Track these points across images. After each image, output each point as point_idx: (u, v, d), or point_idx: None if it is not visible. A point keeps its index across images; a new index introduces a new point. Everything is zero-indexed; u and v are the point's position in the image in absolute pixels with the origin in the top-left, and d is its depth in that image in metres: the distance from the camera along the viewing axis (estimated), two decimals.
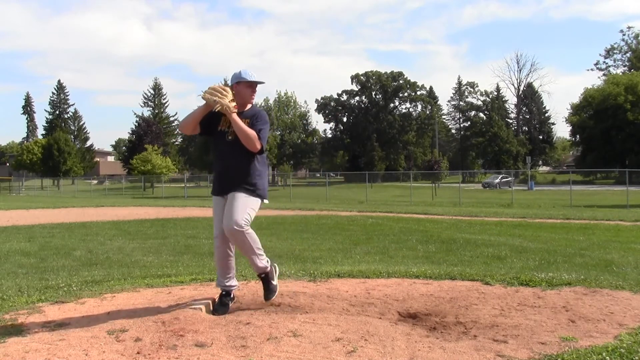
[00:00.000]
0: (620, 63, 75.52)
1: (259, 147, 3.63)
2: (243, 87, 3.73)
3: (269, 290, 3.77)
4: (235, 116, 3.60)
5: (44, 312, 3.77)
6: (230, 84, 3.81)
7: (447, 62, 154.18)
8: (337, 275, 5.06)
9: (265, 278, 3.78)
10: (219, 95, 3.59)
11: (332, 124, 77.95)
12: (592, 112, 59.85)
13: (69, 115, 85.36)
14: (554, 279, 4.68)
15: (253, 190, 3.67)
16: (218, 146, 3.76)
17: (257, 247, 3.68)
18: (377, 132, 71.41)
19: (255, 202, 3.70)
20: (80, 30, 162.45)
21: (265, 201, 3.80)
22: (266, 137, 3.73)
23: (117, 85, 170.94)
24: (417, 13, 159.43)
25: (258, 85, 3.80)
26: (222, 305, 3.72)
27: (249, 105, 3.80)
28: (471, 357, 2.72)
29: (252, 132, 3.60)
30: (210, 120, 3.71)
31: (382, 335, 3.04)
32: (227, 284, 3.80)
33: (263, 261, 3.74)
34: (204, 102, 3.68)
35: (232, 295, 3.84)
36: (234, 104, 3.63)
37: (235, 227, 3.51)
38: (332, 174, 68.95)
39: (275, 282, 3.83)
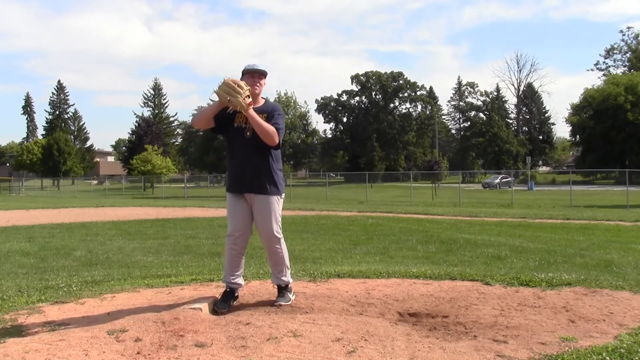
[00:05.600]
0: (620, 63, 75.60)
1: (277, 141, 3.63)
2: (246, 78, 3.69)
3: (283, 296, 3.79)
4: (252, 112, 3.55)
5: (44, 312, 3.78)
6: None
7: (447, 63, 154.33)
8: (337, 276, 5.05)
9: (285, 288, 3.85)
10: (233, 92, 3.48)
11: (332, 124, 78.00)
12: (592, 112, 59.85)
13: (69, 115, 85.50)
14: (554, 279, 4.67)
15: (275, 188, 3.71)
16: (235, 143, 3.71)
17: (287, 258, 3.83)
18: (377, 132, 71.41)
19: (280, 204, 3.79)
20: (81, 30, 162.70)
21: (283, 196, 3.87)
22: (283, 131, 3.73)
23: (117, 86, 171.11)
24: (417, 14, 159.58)
25: (265, 78, 3.76)
26: (223, 301, 3.74)
27: (263, 100, 3.79)
28: (471, 357, 2.71)
29: (270, 127, 3.58)
30: (225, 115, 3.65)
31: (382, 336, 3.04)
32: (234, 281, 3.82)
33: (288, 274, 3.87)
34: (214, 99, 3.64)
35: (235, 294, 3.86)
36: (249, 99, 3.54)
37: (275, 234, 3.69)
38: (332, 174, 68.92)
39: (292, 296, 3.86)
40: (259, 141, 3.62)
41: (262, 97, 3.84)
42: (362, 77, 74.80)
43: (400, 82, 74.39)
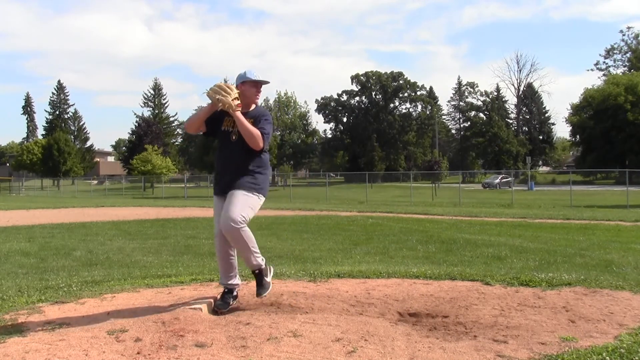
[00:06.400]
0: (620, 63, 75.58)
1: (261, 145, 3.64)
2: (248, 87, 3.75)
3: (261, 286, 3.75)
4: (238, 114, 3.61)
5: (44, 312, 3.77)
6: (235, 84, 3.81)
7: (447, 63, 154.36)
8: (337, 276, 5.05)
9: (259, 274, 3.77)
10: (223, 93, 3.59)
11: (332, 124, 78.06)
12: (592, 112, 59.84)
13: (69, 115, 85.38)
14: (554, 279, 4.67)
15: (253, 189, 3.67)
16: (221, 146, 3.78)
17: (252, 246, 3.66)
18: (377, 132, 71.40)
19: (255, 200, 3.69)
20: (81, 30, 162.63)
21: (263, 198, 3.78)
22: (269, 136, 3.74)
23: (117, 86, 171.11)
24: (417, 14, 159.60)
25: (263, 86, 3.83)
26: (223, 301, 3.74)
27: (254, 106, 3.83)
28: (471, 357, 2.71)
29: (255, 131, 3.61)
30: (215, 119, 3.74)
31: (382, 336, 3.04)
32: (229, 282, 3.81)
33: (258, 259, 3.74)
34: (207, 101, 3.71)
35: (234, 294, 3.84)
36: (237, 102, 3.62)
37: (231, 223, 3.51)
38: (332, 174, 68.90)
39: (268, 279, 3.81)
40: (244, 145, 3.64)
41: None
42: (362, 77, 74.78)
43: (400, 82, 74.36)
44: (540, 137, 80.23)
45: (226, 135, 3.73)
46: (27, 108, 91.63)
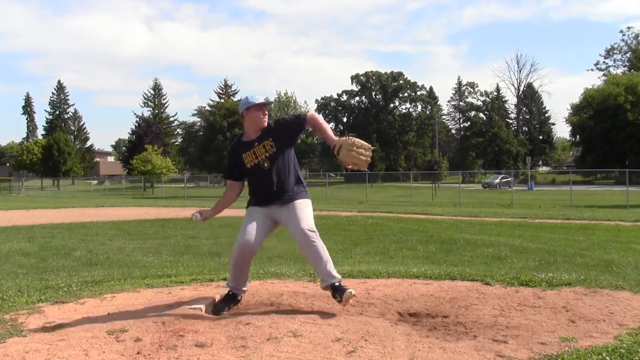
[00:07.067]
0: (620, 63, 75.64)
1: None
2: (253, 111, 3.72)
3: (341, 290, 3.59)
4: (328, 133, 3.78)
5: (44, 312, 3.78)
6: (240, 112, 3.80)
7: (447, 63, 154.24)
8: None
9: (339, 288, 3.62)
10: (363, 150, 3.57)
11: (332, 124, 78.07)
12: (592, 112, 59.84)
13: (69, 115, 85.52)
14: (554, 279, 4.67)
15: (305, 191, 3.85)
16: (257, 178, 3.78)
17: (327, 254, 3.71)
18: (377, 132, 71.39)
19: (311, 205, 3.86)
20: (81, 30, 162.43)
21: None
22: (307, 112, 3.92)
23: (117, 86, 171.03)
24: (417, 14, 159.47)
25: (267, 107, 3.82)
26: (224, 303, 3.72)
27: (264, 126, 3.79)
28: (471, 357, 2.71)
29: (323, 123, 3.84)
30: (237, 166, 3.82)
31: (382, 335, 3.04)
32: (238, 288, 3.79)
33: (332, 269, 3.68)
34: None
35: (238, 299, 3.81)
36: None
37: (308, 230, 3.64)
38: (332, 174, 68.88)
39: (348, 290, 3.59)
40: (279, 166, 3.73)
41: None
42: (362, 77, 74.80)
43: (400, 82, 74.39)
44: (540, 137, 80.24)
45: (257, 169, 3.73)
46: (27, 108, 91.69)
